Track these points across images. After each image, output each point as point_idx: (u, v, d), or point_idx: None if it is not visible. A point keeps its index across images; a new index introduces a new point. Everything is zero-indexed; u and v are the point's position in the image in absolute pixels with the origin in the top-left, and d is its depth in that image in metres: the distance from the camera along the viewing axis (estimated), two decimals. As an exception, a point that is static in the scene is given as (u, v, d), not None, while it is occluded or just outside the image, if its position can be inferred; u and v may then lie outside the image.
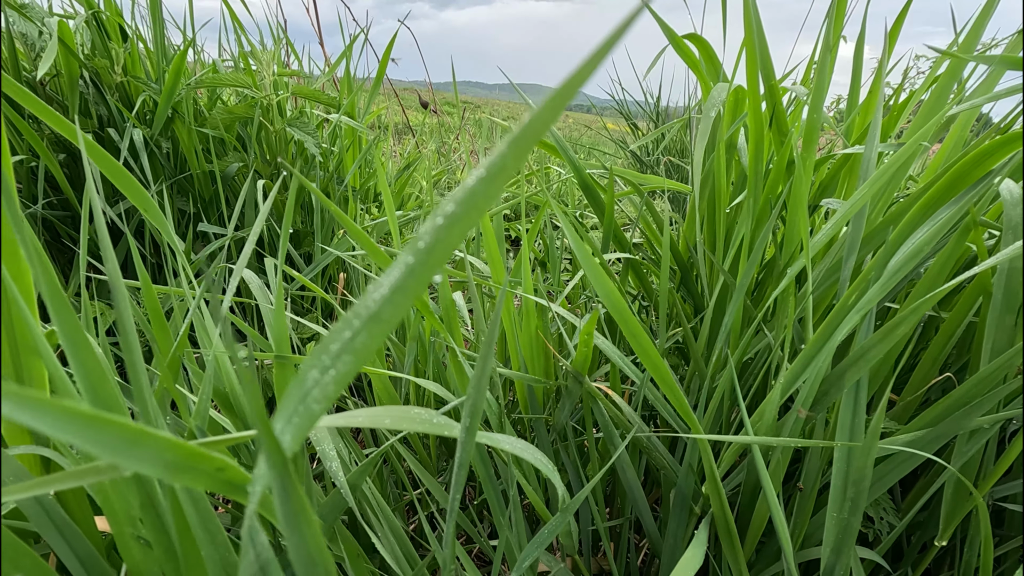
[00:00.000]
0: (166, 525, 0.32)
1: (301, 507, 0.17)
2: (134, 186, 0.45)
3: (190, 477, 0.19)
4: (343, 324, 0.13)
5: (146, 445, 0.16)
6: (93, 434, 0.14)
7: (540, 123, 0.11)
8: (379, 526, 0.59)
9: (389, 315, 0.13)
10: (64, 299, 0.25)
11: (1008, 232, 0.53)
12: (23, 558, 0.30)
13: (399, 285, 0.12)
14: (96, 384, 0.27)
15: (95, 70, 1.10)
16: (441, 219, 0.12)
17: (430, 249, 0.12)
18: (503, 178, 0.11)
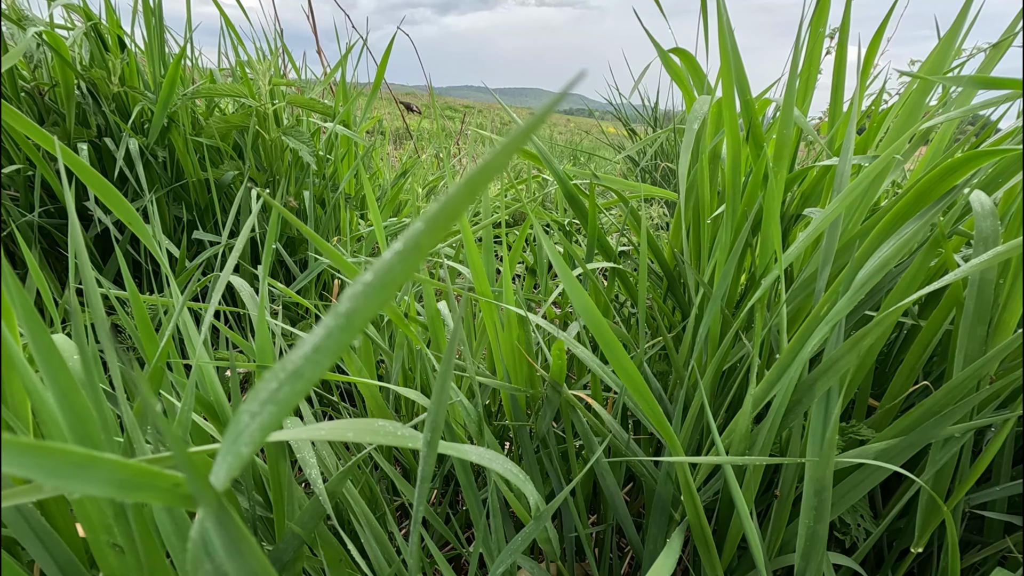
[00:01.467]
0: (136, 534, 0.33)
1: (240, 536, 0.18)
2: (118, 199, 0.46)
3: (145, 494, 0.20)
4: (271, 376, 0.15)
5: (96, 468, 0.17)
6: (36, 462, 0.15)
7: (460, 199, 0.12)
8: (362, 531, 0.60)
9: (310, 373, 0.14)
10: (37, 318, 0.26)
11: (979, 243, 0.54)
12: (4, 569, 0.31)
13: (319, 345, 0.14)
14: (71, 399, 0.28)
15: (92, 80, 1.12)
16: (360, 287, 0.13)
17: (349, 314, 0.13)
18: (419, 255, 0.12)
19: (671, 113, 3.62)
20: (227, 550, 0.18)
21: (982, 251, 0.55)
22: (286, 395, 0.14)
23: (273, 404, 0.15)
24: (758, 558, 0.46)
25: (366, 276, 0.13)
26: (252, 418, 0.15)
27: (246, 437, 0.15)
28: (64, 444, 0.16)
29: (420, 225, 0.12)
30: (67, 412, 0.28)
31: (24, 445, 0.15)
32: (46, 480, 0.16)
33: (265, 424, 0.15)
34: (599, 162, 4.48)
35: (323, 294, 1.41)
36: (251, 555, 0.19)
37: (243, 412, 0.16)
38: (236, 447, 0.16)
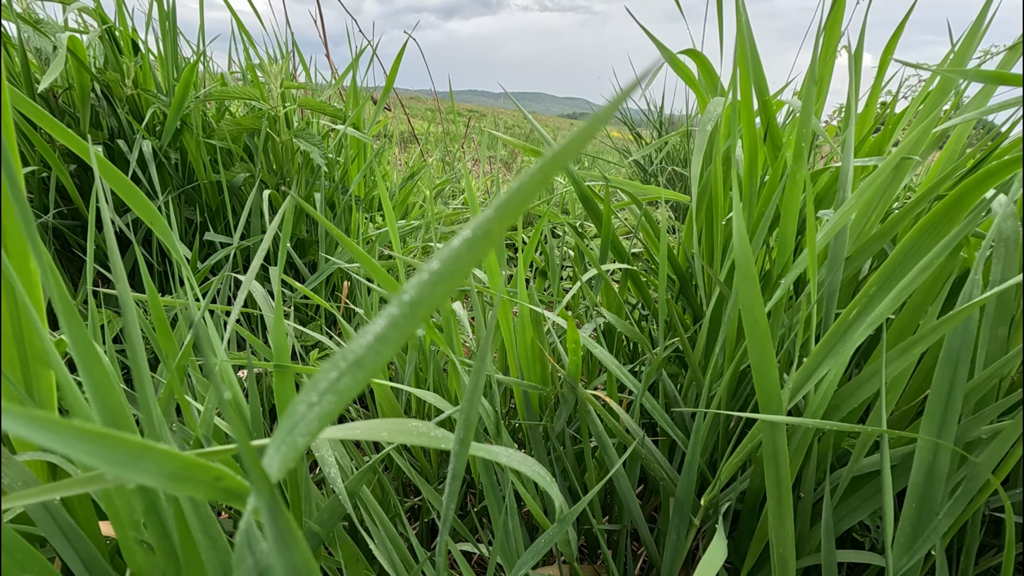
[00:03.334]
0: (168, 530, 0.33)
1: (288, 529, 0.18)
2: (142, 200, 0.46)
3: (190, 486, 0.20)
4: (331, 365, 0.15)
5: (149, 458, 0.17)
6: (98, 450, 0.15)
7: (527, 191, 0.12)
8: (376, 532, 0.59)
9: (371, 362, 0.14)
10: (75, 312, 0.26)
11: (1000, 245, 0.54)
12: (32, 562, 0.31)
13: (382, 335, 0.14)
14: (104, 394, 0.28)
15: (106, 83, 1.13)
16: (427, 275, 0.13)
17: (414, 303, 0.13)
18: (489, 241, 0.12)
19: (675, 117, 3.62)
20: (276, 542, 0.18)
21: (1002, 253, 0.55)
22: (347, 385, 0.14)
23: (333, 394, 0.15)
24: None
25: (433, 264, 0.13)
26: (310, 408, 0.15)
27: (302, 427, 0.15)
28: (123, 433, 0.16)
29: (490, 212, 0.12)
30: (102, 409, 0.29)
31: (93, 433, 0.15)
32: (110, 468, 0.16)
33: (324, 414, 0.15)
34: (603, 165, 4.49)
35: (334, 295, 1.42)
36: (297, 548, 0.20)
37: (299, 402, 0.16)
38: (292, 437, 0.16)
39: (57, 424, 0.15)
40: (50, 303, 0.37)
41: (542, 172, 0.12)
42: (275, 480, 0.16)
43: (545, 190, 1.93)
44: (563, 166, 0.12)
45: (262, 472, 0.16)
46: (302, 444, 0.16)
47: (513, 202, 0.12)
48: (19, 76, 1.08)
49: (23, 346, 0.37)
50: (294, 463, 0.16)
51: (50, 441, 0.14)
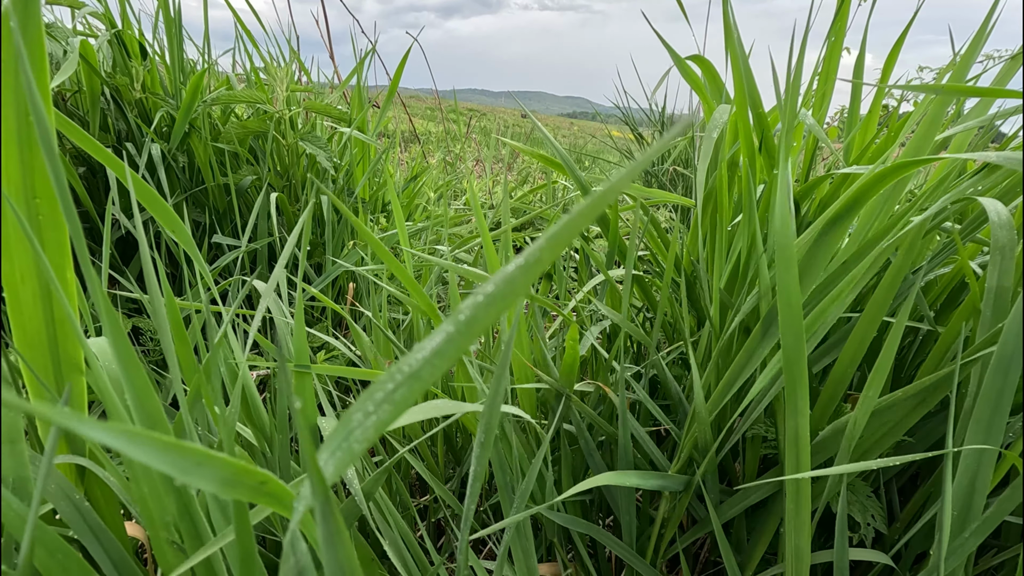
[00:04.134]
0: (200, 531, 0.35)
1: (338, 529, 0.19)
2: (163, 207, 0.48)
3: (238, 491, 0.22)
4: (387, 377, 0.16)
5: (208, 465, 0.19)
6: (168, 458, 0.17)
7: (576, 224, 0.13)
8: (389, 532, 0.61)
9: (428, 375, 0.15)
10: (119, 323, 0.28)
11: (996, 252, 0.56)
12: (72, 563, 0.33)
13: (439, 350, 0.15)
14: (144, 401, 0.29)
15: (116, 87, 1.14)
16: (482, 297, 0.14)
17: (469, 322, 0.14)
18: (540, 268, 0.13)
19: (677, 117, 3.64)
20: (326, 542, 0.20)
21: (998, 261, 0.57)
22: (403, 395, 0.16)
23: (389, 404, 0.16)
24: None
25: (488, 287, 0.14)
26: (367, 416, 0.17)
27: (359, 434, 0.17)
28: (189, 444, 0.17)
29: (541, 241, 0.14)
30: (142, 414, 0.30)
31: (165, 443, 0.16)
32: (179, 475, 0.17)
33: (381, 422, 0.16)
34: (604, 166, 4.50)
35: (340, 297, 1.43)
36: (343, 549, 0.21)
37: (356, 411, 0.17)
38: (348, 443, 0.17)
39: (137, 435, 0.16)
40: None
41: (591, 207, 0.13)
42: (330, 483, 0.18)
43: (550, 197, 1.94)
44: (611, 201, 0.13)
45: (320, 475, 0.17)
46: (358, 450, 0.17)
47: (563, 233, 0.14)
48: (29, 80, 1.09)
49: (57, 352, 0.38)
50: (349, 467, 0.18)
51: (131, 449, 0.16)
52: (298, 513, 0.19)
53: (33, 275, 0.35)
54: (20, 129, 0.31)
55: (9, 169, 0.31)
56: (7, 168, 0.31)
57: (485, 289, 0.14)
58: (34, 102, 0.26)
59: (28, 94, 0.25)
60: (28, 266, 0.34)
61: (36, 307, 0.36)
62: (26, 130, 0.31)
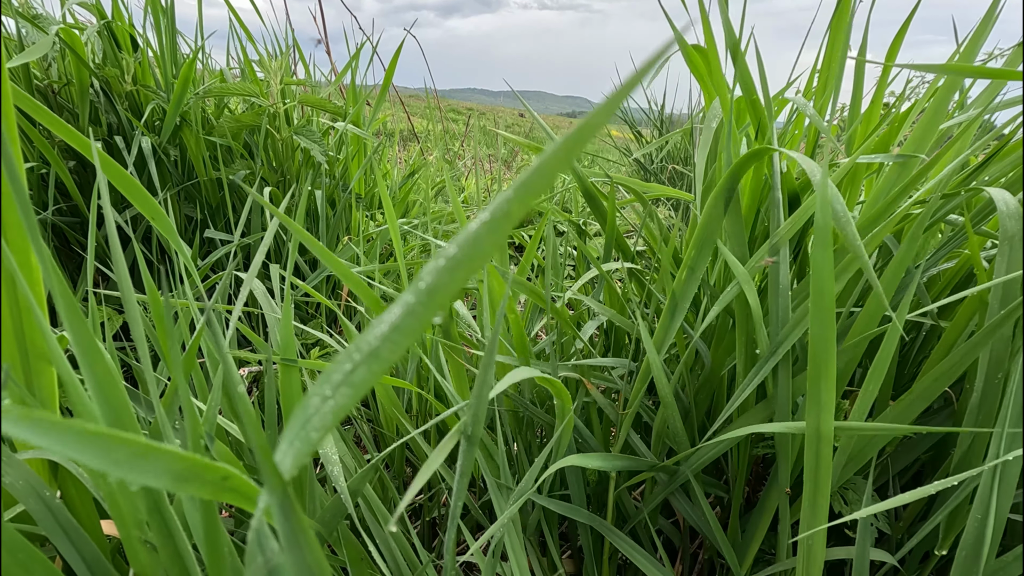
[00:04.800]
0: (171, 530, 0.33)
1: (301, 528, 0.18)
2: (145, 198, 0.46)
3: (196, 487, 0.20)
4: (344, 357, 0.14)
5: (153, 458, 0.17)
6: (100, 450, 0.15)
7: (547, 172, 0.11)
8: (379, 532, 0.59)
9: (388, 353, 0.13)
10: (77, 308, 0.26)
11: (1004, 243, 0.54)
12: (34, 562, 0.31)
13: (398, 324, 0.13)
14: (107, 392, 0.28)
15: (105, 79, 1.12)
16: (443, 260, 0.12)
17: (431, 290, 0.12)
18: (508, 224, 0.12)
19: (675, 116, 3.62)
20: (288, 542, 0.18)
21: (1007, 251, 0.55)
22: (362, 376, 0.14)
23: (348, 386, 0.14)
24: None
25: (450, 249, 0.12)
26: (324, 402, 0.15)
27: (316, 422, 0.15)
28: (128, 433, 0.16)
29: (509, 192, 0.12)
30: (105, 407, 0.28)
31: (94, 433, 0.14)
32: (112, 469, 0.15)
33: (339, 407, 0.15)
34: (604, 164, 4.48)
35: (335, 293, 1.41)
36: (308, 548, 0.19)
37: (313, 395, 0.15)
38: (305, 432, 0.15)
39: (57, 425, 0.14)
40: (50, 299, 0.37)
41: (564, 150, 0.12)
42: (288, 478, 0.16)
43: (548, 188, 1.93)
44: (582, 146, 0.11)
45: (275, 469, 0.16)
46: (316, 439, 0.15)
47: (534, 181, 0.12)
48: (18, 72, 1.07)
49: (24, 342, 0.36)
50: (307, 459, 0.16)
51: (50, 442, 0.14)
52: (259, 510, 0.18)
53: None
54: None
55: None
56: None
57: (447, 251, 0.12)
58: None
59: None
60: (-10, 251, 0.33)
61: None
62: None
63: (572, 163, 0.59)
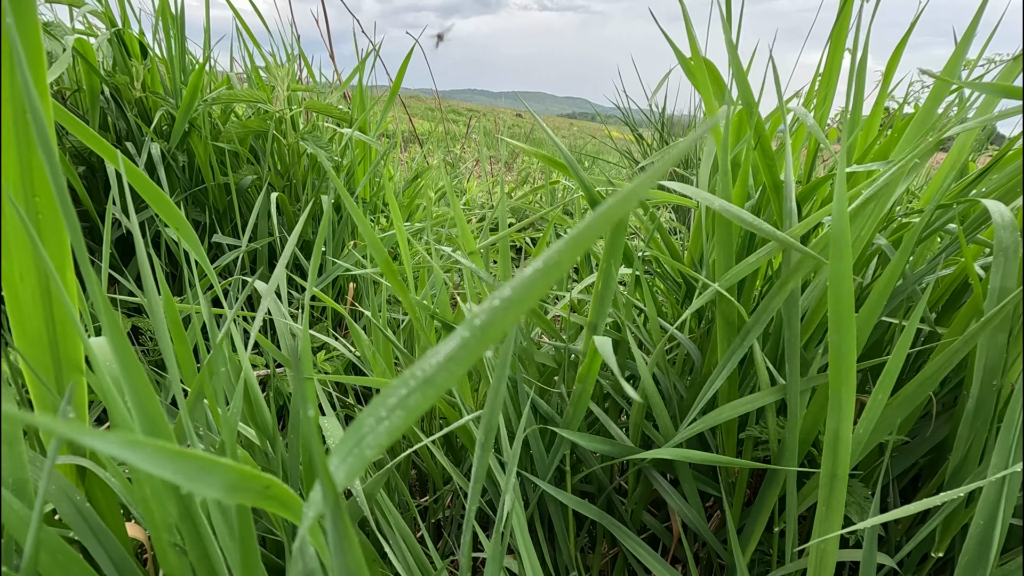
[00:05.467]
0: (202, 534, 0.34)
1: (347, 534, 0.19)
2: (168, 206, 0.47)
3: (243, 495, 0.21)
4: (400, 383, 0.16)
5: (214, 472, 0.18)
6: (174, 466, 0.17)
7: (597, 227, 0.13)
8: (391, 534, 0.61)
9: (442, 381, 0.15)
10: (119, 325, 0.28)
11: (999, 254, 0.55)
12: (72, 564, 0.33)
13: (454, 355, 0.15)
14: (146, 404, 0.29)
15: (115, 86, 1.14)
16: (498, 301, 0.14)
17: (484, 327, 0.14)
18: (558, 272, 0.13)
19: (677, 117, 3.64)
20: (335, 547, 0.19)
21: (1002, 262, 0.56)
22: (416, 401, 0.15)
23: (403, 409, 0.16)
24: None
25: (504, 291, 0.14)
26: (378, 422, 0.16)
27: (371, 440, 0.17)
28: (193, 451, 0.17)
29: (561, 244, 0.13)
30: (143, 417, 0.30)
31: (168, 451, 0.16)
32: (184, 482, 0.17)
33: (393, 428, 0.16)
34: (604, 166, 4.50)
35: (340, 296, 1.43)
36: (352, 553, 0.21)
37: (368, 416, 0.17)
38: (360, 449, 0.17)
39: (142, 443, 0.16)
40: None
41: (612, 210, 0.13)
42: (341, 489, 0.17)
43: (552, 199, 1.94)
44: (634, 204, 0.13)
45: (331, 481, 0.17)
46: (370, 456, 0.17)
47: (583, 236, 0.13)
48: (29, 79, 1.09)
49: (57, 352, 0.38)
50: (360, 473, 0.17)
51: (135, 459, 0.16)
52: (307, 519, 0.19)
53: (32, 274, 0.35)
54: (18, 127, 0.31)
55: (8, 167, 0.31)
56: (6, 167, 0.31)
57: (502, 293, 0.14)
58: (31, 99, 0.26)
59: (25, 91, 0.25)
60: (27, 265, 0.34)
61: (36, 306, 0.35)
62: (24, 128, 0.30)
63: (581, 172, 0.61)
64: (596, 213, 0.13)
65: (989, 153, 1.99)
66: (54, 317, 0.36)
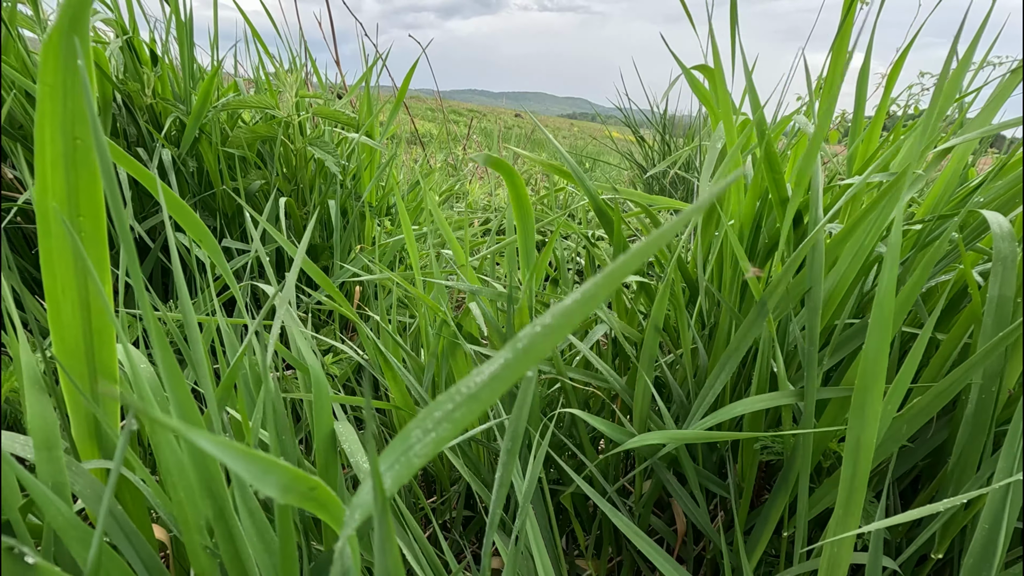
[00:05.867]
0: (234, 535, 0.36)
1: (389, 535, 0.21)
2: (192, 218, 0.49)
3: (293, 496, 0.23)
4: (446, 398, 0.17)
5: (273, 472, 0.20)
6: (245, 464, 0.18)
7: (629, 264, 0.14)
8: (405, 537, 0.62)
9: (486, 397, 0.16)
10: (164, 337, 0.29)
11: (998, 263, 0.57)
12: (112, 565, 0.34)
13: (497, 374, 0.16)
14: (186, 411, 0.31)
15: (127, 92, 1.15)
16: (539, 328, 0.15)
17: (526, 350, 0.16)
18: (595, 303, 0.15)
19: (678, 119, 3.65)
20: (381, 549, 0.21)
21: (1000, 271, 0.58)
22: (462, 415, 0.17)
23: (449, 423, 0.17)
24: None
25: (545, 318, 0.16)
26: (425, 434, 0.18)
27: (419, 449, 0.18)
28: (261, 453, 0.19)
29: (599, 278, 0.15)
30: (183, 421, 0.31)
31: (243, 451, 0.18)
32: (255, 481, 0.18)
33: (439, 439, 0.18)
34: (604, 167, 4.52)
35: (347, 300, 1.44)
36: (392, 554, 0.22)
37: (415, 428, 0.18)
38: (407, 457, 0.18)
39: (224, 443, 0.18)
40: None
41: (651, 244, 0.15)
42: (390, 495, 0.19)
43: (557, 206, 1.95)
44: (674, 236, 0.15)
45: (381, 486, 0.19)
46: (417, 464, 0.18)
47: (620, 269, 0.15)
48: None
49: (92, 361, 0.40)
50: (407, 480, 0.19)
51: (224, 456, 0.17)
52: (353, 522, 0.21)
53: (73, 288, 0.36)
54: (66, 149, 0.32)
55: (56, 188, 0.32)
56: (54, 187, 0.32)
57: (543, 320, 0.15)
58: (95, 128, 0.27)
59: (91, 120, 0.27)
60: (68, 279, 0.36)
61: (75, 318, 0.37)
62: (72, 152, 0.32)
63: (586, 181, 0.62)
64: (631, 252, 0.15)
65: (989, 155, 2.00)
66: (92, 328, 0.38)
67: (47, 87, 0.27)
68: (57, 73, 0.29)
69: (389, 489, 0.19)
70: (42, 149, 0.29)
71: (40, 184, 0.30)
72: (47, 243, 0.32)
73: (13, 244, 1.13)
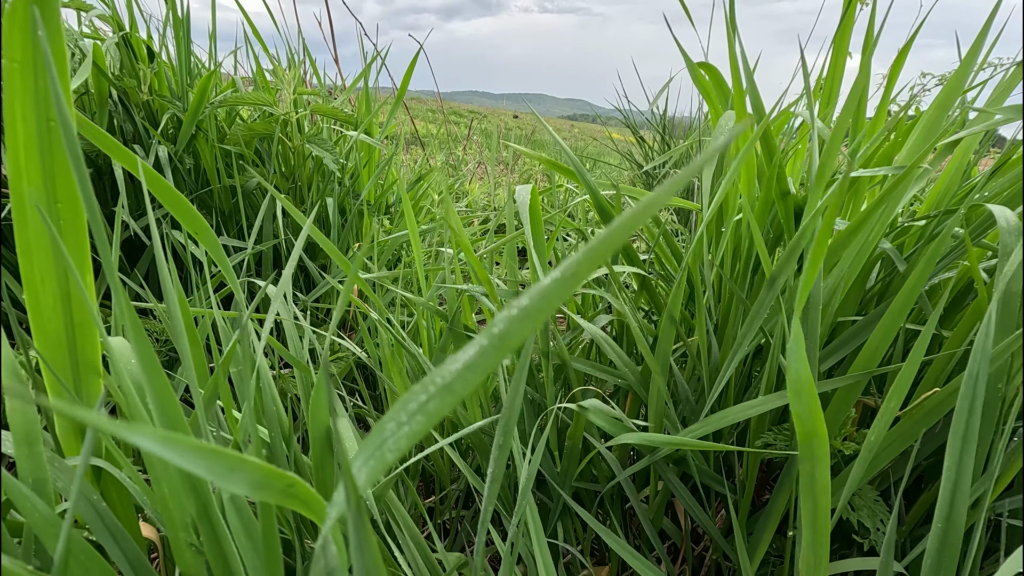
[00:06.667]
0: (219, 533, 0.35)
1: (367, 534, 0.20)
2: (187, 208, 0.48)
3: (267, 493, 0.22)
4: (420, 388, 0.16)
5: (241, 470, 0.19)
6: (207, 463, 0.17)
7: (615, 238, 0.13)
8: (401, 536, 0.61)
9: (460, 388, 0.15)
10: (143, 330, 0.28)
11: (1004, 257, 0.56)
12: (93, 564, 0.33)
13: (472, 363, 0.15)
14: (166, 405, 0.30)
15: (123, 89, 1.14)
16: (516, 311, 0.14)
17: (503, 336, 0.14)
18: (575, 283, 0.14)
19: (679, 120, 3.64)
20: (357, 547, 0.20)
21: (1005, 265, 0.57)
22: (435, 407, 0.16)
23: (423, 415, 0.16)
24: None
25: (523, 300, 0.15)
26: (399, 427, 0.17)
27: (391, 444, 0.17)
28: (225, 450, 0.18)
29: (579, 255, 0.14)
30: (163, 418, 0.30)
31: (200, 448, 0.17)
32: (215, 479, 0.17)
33: (413, 433, 0.17)
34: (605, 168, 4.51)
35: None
36: (370, 553, 0.21)
37: (389, 421, 0.17)
38: (381, 452, 0.17)
39: (175, 440, 0.16)
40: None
41: (629, 221, 0.14)
42: (362, 492, 0.18)
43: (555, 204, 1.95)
44: (653, 214, 0.13)
45: (353, 483, 0.18)
46: (390, 459, 0.17)
47: (600, 248, 0.14)
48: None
49: (75, 354, 0.39)
50: (381, 475, 0.18)
51: (173, 456, 0.16)
52: (330, 520, 0.20)
53: (52, 277, 0.35)
54: (41, 133, 0.31)
55: (31, 174, 0.31)
56: (29, 173, 0.31)
57: (520, 303, 0.14)
58: (60, 108, 0.26)
59: (55, 98, 0.26)
60: (48, 268, 0.35)
61: (56, 309, 0.36)
62: (47, 134, 0.31)
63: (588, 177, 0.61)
64: (612, 227, 0.14)
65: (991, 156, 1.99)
66: (73, 320, 0.37)
67: (15, 64, 0.26)
68: (26, 48, 0.28)
69: (363, 485, 0.18)
70: (13, 131, 0.28)
71: (13, 169, 0.29)
72: (24, 232, 0.32)
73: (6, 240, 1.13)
